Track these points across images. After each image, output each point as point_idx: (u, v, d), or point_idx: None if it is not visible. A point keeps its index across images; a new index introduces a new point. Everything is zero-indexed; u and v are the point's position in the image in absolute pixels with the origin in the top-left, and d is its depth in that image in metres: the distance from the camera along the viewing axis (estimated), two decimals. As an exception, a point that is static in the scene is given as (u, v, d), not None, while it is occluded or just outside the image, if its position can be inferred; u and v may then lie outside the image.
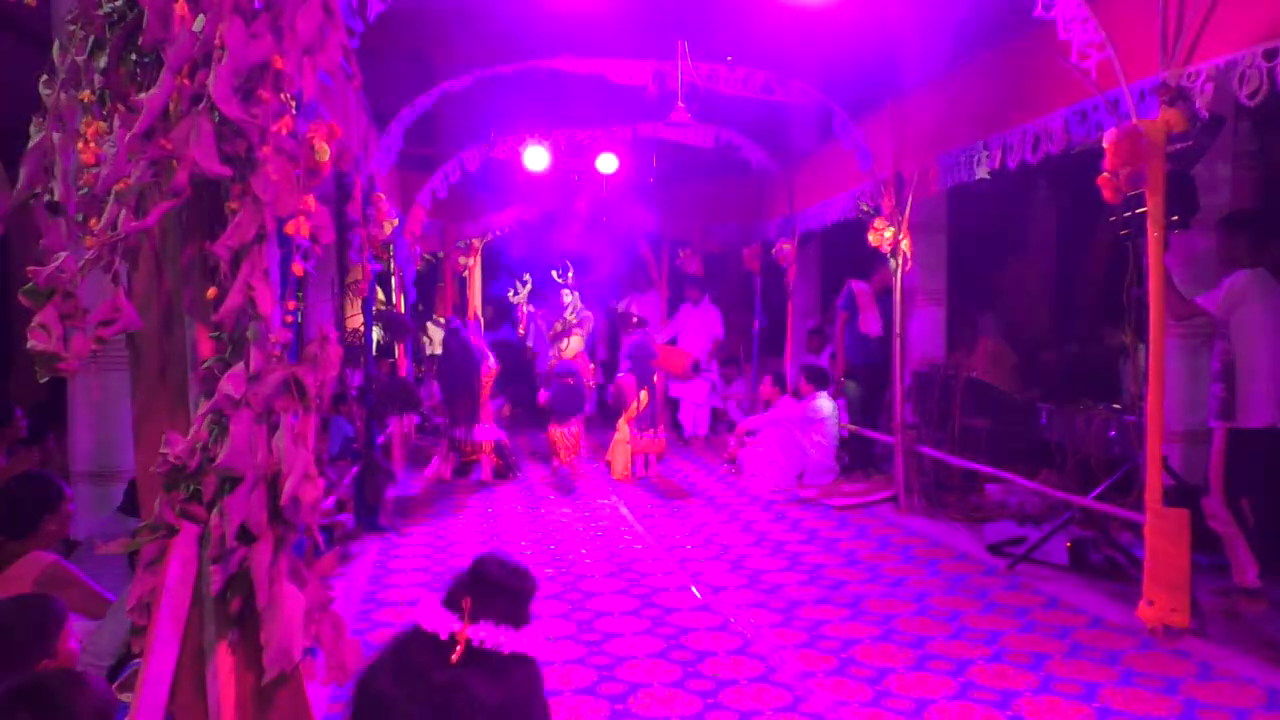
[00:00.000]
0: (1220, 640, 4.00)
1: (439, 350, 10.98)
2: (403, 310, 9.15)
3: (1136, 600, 4.16)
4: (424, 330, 11.51)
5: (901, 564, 5.37)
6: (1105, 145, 4.07)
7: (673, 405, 10.20)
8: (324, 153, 2.41)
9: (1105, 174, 4.10)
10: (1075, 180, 8.78)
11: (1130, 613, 4.20)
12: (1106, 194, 4.13)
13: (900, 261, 6.56)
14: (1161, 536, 4.05)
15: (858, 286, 7.94)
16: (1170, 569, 4.01)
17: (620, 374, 8.52)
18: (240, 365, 2.25)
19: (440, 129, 8.71)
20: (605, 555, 5.66)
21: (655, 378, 8.19)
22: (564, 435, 8.12)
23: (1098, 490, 5.10)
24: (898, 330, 6.72)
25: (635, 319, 10.66)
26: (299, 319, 6.13)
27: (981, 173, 5.62)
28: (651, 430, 8.10)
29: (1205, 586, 4.44)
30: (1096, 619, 4.34)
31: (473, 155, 8.08)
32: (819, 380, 7.92)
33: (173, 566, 2.22)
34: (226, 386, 2.22)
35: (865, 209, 6.90)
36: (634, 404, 8.09)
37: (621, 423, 8.28)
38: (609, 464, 8.28)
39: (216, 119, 2.11)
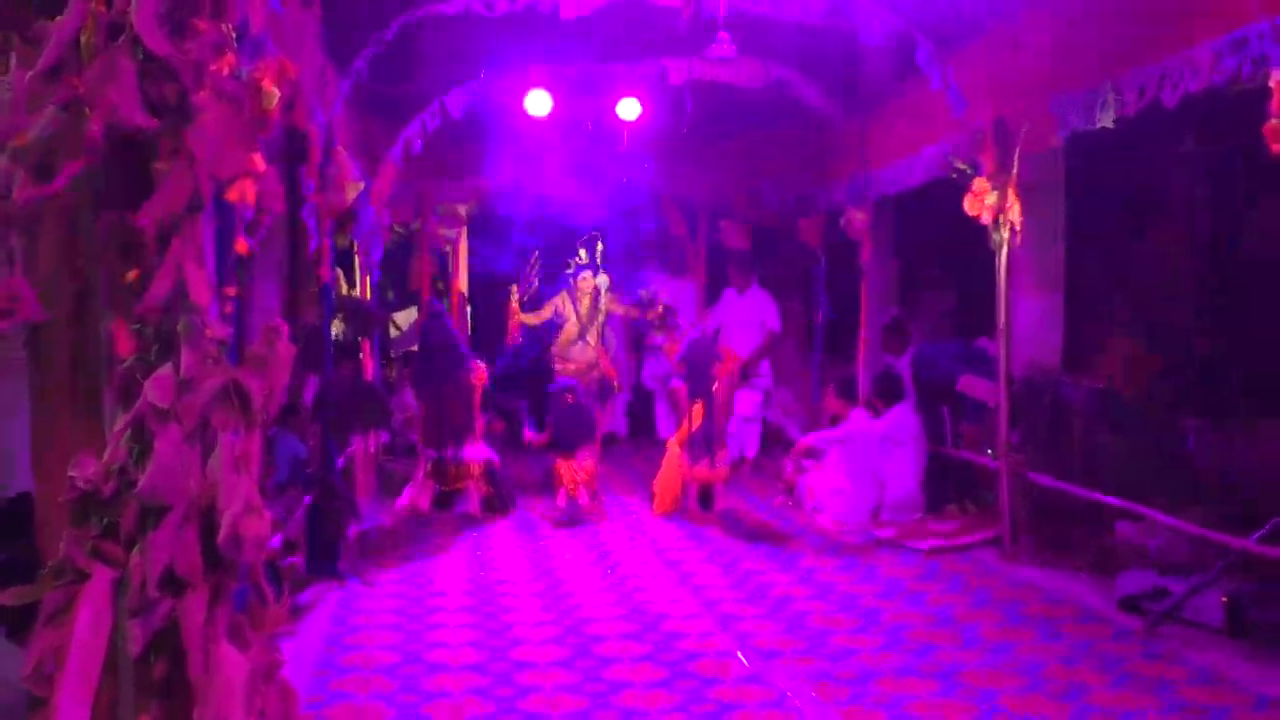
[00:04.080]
0: None
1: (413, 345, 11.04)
2: (368, 297, 9.21)
3: (1314, 673, 4.12)
4: (393, 321, 11.58)
5: (1007, 624, 5.34)
6: (1273, 84, 4.03)
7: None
8: (272, 98, 2.43)
9: (1273, 120, 4.06)
10: (1232, 129, 8.68)
11: (1305, 689, 4.16)
12: (1274, 146, 4.09)
13: (1006, 235, 6.52)
14: (1346, 591, 4.00)
15: None
16: (1358, 633, 3.96)
17: (671, 381, 8.52)
18: (168, 368, 2.28)
19: (416, 64, 8.74)
20: (626, 610, 5.67)
21: (716, 386, 8.12)
22: (572, 468, 8.14)
23: (1262, 531, 5.04)
24: (1002, 324, 6.68)
25: (661, 308, 10.65)
26: (240, 309, 6.15)
27: (1106, 119, 5.57)
28: (708, 457, 8.00)
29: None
30: (1262, 699, 4.29)
31: (458, 98, 8.11)
32: (890, 392, 7.89)
33: (81, 621, 2.24)
34: (151, 394, 2.24)
35: (960, 167, 6.87)
36: (685, 421, 8.07)
37: (672, 443, 8.27)
38: (651, 495, 8.27)
39: (140, 56, 2.13)
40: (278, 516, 5.92)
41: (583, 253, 9.85)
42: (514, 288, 9.71)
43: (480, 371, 8.32)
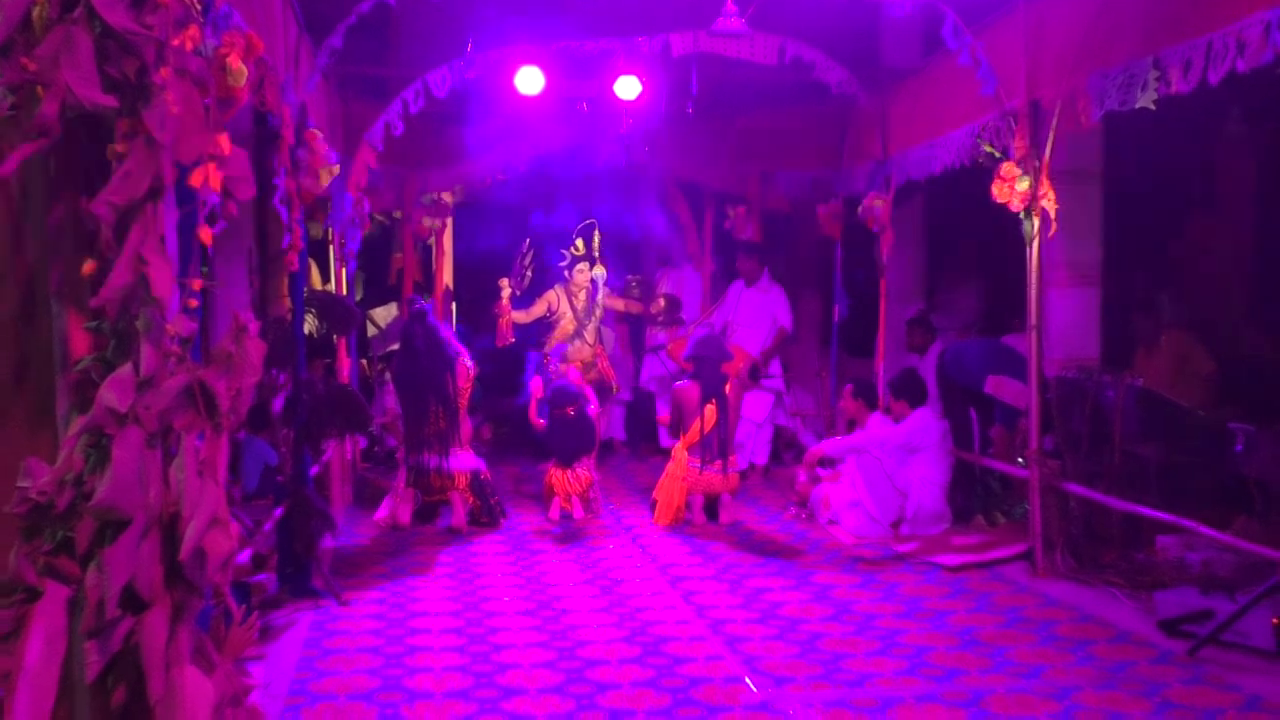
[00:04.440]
0: None
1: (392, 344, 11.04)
2: (345, 291, 9.22)
3: (1371, 700, 4.12)
4: (372, 319, 11.60)
5: (1038, 646, 5.34)
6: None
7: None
8: (240, 76, 2.44)
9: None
10: (1284, 110, 8.69)
11: (1362, 718, 4.16)
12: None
13: (1038, 224, 6.53)
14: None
15: None
16: None
17: (679, 381, 8.51)
18: (127, 367, 2.29)
19: (398, 40, 8.76)
20: (625, 632, 5.68)
21: (727, 387, 8.13)
22: (567, 479, 8.16)
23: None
24: (1033, 321, 6.69)
25: (663, 301, 10.63)
26: (205, 304, 6.12)
27: (1148, 99, 5.58)
28: (719, 462, 8.07)
29: None
30: (1314, 726, 4.30)
31: (442, 77, 8.12)
32: (912, 394, 7.88)
33: (34, 643, 2.25)
34: (109, 396, 2.25)
35: (988, 151, 6.88)
36: (696, 423, 8.08)
37: (679, 448, 8.29)
38: (654, 504, 8.30)
39: (97, 30, 2.14)
40: (246, 529, 5.93)
41: (579, 243, 9.83)
42: (504, 282, 9.67)
43: (469, 371, 8.30)
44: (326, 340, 9.16)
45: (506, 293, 9.56)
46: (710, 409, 8.03)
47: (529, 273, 9.81)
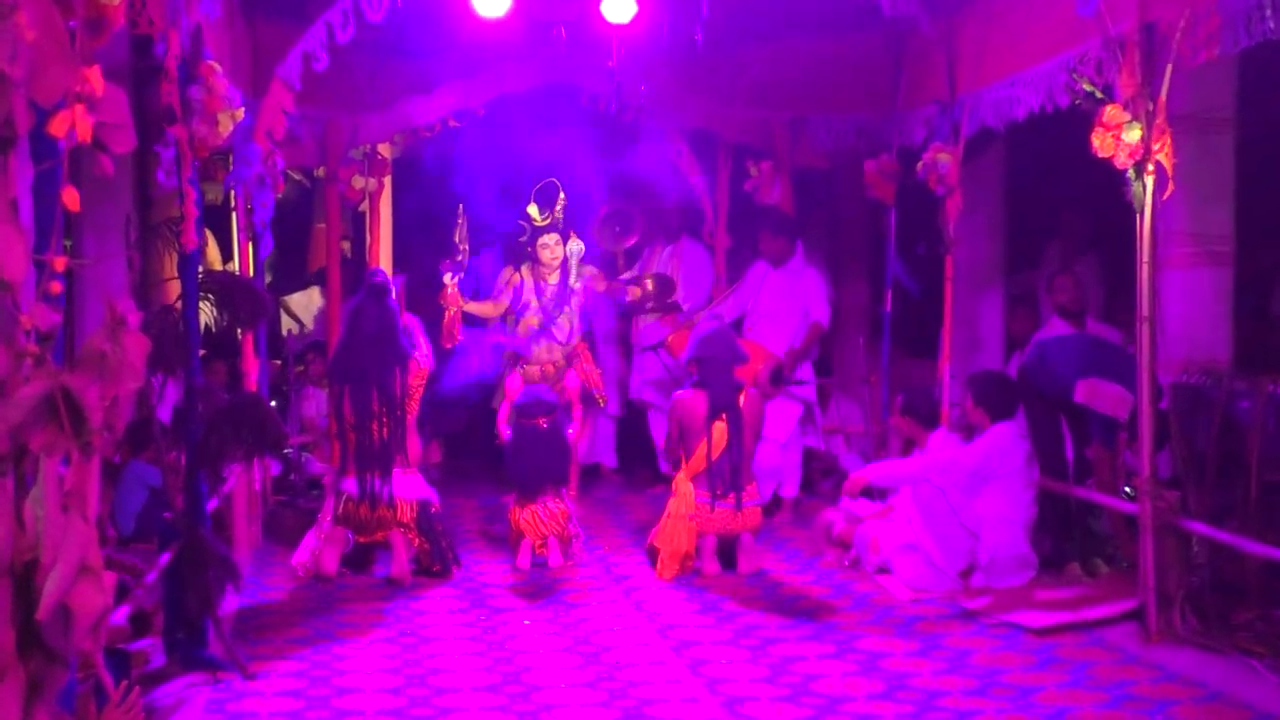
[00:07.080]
0: None
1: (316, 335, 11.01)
2: (252, 273, 9.20)
3: None
4: (287, 307, 11.59)
5: (1153, 733, 5.36)
6: None
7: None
8: (115, -9, 2.43)
9: None
10: None
11: None
12: None
13: (1152, 185, 6.52)
14: None
15: None
16: None
17: (680, 390, 8.46)
18: (-32, 370, 2.28)
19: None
20: (617, 714, 5.66)
21: (742, 398, 8.10)
22: (538, 516, 8.15)
23: None
24: (1145, 310, 6.68)
25: (650, 282, 10.57)
26: (72, 289, 6.06)
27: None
28: (734, 495, 8.05)
29: None
30: None
31: (377, -6, 8.11)
32: (995, 403, 7.84)
33: None
34: (-57, 408, 2.25)
35: (1088, 90, 6.87)
36: (702, 445, 8.06)
37: (682, 479, 8.27)
38: (652, 552, 8.30)
39: (-75, -69, 2.14)
40: (124, 581, 5.92)
41: (532, 209, 9.76)
42: (446, 269, 9.62)
43: (420, 368, 8.22)
44: (228, 336, 9.15)
45: (450, 279, 9.50)
46: (720, 427, 7.99)
47: (465, 248, 9.68)
